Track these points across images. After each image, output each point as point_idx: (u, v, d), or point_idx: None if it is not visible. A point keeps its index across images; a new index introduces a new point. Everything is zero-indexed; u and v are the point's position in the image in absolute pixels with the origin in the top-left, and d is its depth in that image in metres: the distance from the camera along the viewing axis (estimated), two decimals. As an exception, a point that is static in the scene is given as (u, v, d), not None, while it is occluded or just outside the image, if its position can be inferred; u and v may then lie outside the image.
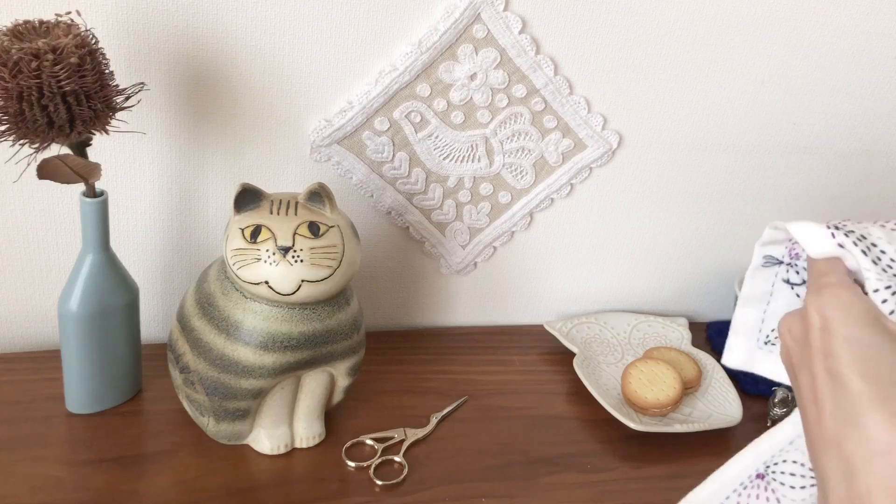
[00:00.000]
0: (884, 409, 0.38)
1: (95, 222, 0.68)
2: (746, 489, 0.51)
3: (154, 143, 0.77)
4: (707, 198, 0.92)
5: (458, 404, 0.80)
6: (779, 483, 0.50)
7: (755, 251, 0.49)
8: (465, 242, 0.89)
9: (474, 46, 0.78)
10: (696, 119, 0.87)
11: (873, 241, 0.42)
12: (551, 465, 0.73)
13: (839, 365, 0.40)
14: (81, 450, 0.69)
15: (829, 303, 0.41)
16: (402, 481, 0.70)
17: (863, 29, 0.85)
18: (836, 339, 0.40)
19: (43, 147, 0.61)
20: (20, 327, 0.82)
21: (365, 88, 0.78)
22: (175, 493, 0.66)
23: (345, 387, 0.72)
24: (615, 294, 0.96)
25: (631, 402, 0.80)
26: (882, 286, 0.41)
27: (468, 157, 0.84)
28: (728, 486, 0.52)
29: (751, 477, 0.51)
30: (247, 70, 0.76)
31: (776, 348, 0.51)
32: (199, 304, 0.68)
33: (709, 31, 0.83)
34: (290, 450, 0.71)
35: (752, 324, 0.51)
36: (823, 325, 0.41)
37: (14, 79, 0.57)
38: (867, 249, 0.42)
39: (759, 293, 0.50)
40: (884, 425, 0.38)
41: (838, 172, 0.93)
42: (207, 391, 0.67)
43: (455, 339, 0.91)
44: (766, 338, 0.51)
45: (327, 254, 0.64)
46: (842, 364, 0.40)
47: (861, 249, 0.41)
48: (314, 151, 0.80)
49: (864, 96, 0.89)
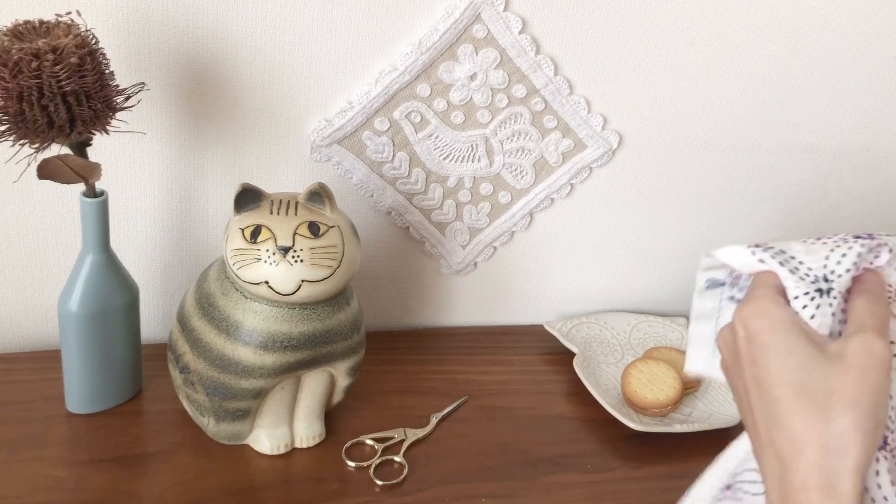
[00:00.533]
0: (798, 409, 0.41)
1: (95, 222, 0.68)
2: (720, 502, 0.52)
3: (154, 143, 0.77)
4: (707, 198, 0.92)
5: (458, 404, 0.80)
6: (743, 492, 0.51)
7: (698, 276, 0.53)
8: (465, 242, 0.89)
9: (474, 46, 0.78)
10: (696, 119, 0.87)
11: (791, 254, 0.46)
12: (551, 465, 0.73)
13: (761, 371, 0.43)
14: (81, 450, 0.69)
15: (750, 313, 0.45)
16: (402, 481, 0.70)
17: (863, 29, 0.85)
18: (756, 347, 0.44)
19: (43, 147, 0.61)
20: (20, 327, 0.82)
21: (365, 88, 0.78)
22: (175, 493, 0.66)
23: (345, 387, 0.72)
24: (615, 294, 0.96)
25: (631, 402, 0.80)
26: (801, 292, 0.44)
27: (468, 157, 0.84)
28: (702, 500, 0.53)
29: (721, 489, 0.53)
30: (247, 70, 0.76)
31: None
32: (199, 304, 0.68)
33: (709, 31, 0.83)
34: (290, 450, 0.71)
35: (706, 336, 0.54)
36: (746, 334, 0.45)
37: (14, 79, 0.57)
38: (784, 261, 0.46)
39: (707, 310, 0.54)
40: (801, 422, 0.41)
41: (838, 172, 0.93)
42: (207, 391, 0.67)
43: (455, 339, 0.91)
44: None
45: (327, 254, 0.64)
46: (762, 370, 0.43)
47: (778, 262, 0.45)
48: (314, 151, 0.80)
49: (864, 96, 0.89)
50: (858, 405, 0.40)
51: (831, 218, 0.96)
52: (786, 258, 0.46)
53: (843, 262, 0.45)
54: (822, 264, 0.45)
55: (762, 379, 0.43)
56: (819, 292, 0.44)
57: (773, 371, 0.43)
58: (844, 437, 0.40)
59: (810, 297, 0.44)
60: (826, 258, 0.45)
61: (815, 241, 0.47)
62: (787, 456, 0.41)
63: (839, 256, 0.45)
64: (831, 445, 0.40)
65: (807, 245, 0.47)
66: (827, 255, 0.45)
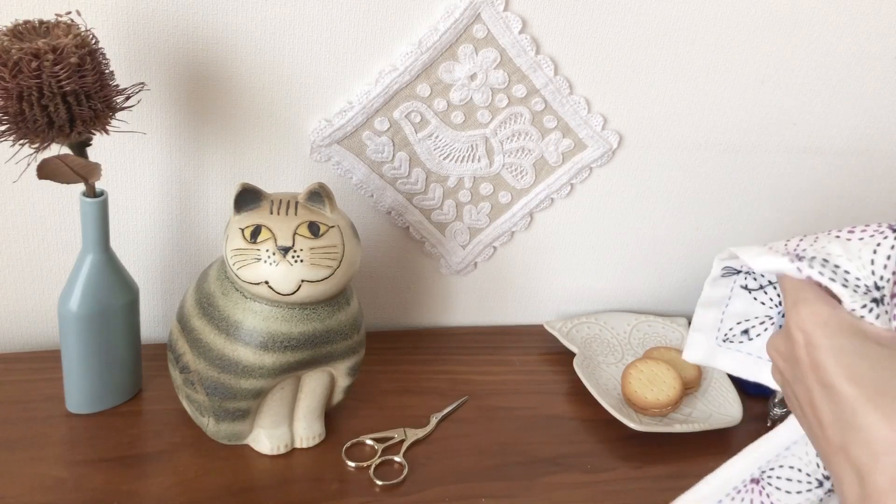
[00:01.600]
0: (877, 409, 0.39)
1: (95, 222, 0.68)
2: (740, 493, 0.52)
3: (154, 143, 0.77)
4: (707, 198, 0.92)
5: (458, 404, 0.80)
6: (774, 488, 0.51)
7: (714, 264, 0.52)
8: (465, 242, 0.89)
9: (474, 46, 0.78)
10: (696, 119, 0.87)
11: (835, 262, 0.44)
12: (551, 465, 0.73)
13: (828, 375, 0.42)
14: (81, 450, 0.69)
15: (807, 318, 0.43)
16: (402, 481, 0.70)
17: (863, 29, 0.85)
18: (820, 352, 0.42)
19: (43, 147, 0.61)
20: (20, 327, 0.82)
21: (365, 88, 0.78)
22: (175, 493, 0.66)
23: (345, 387, 0.72)
24: (615, 294, 0.96)
25: (631, 402, 0.80)
26: (857, 306, 0.43)
27: (468, 157, 0.84)
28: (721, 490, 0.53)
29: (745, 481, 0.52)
30: (247, 70, 0.76)
31: (734, 346, 0.54)
32: (199, 304, 0.68)
33: (709, 31, 0.83)
34: (290, 450, 0.71)
35: (711, 323, 0.54)
36: (807, 340, 0.43)
37: (14, 79, 0.57)
38: (833, 276, 0.44)
39: (717, 298, 0.53)
40: (881, 425, 0.39)
41: (838, 172, 0.93)
42: (207, 391, 0.67)
43: (455, 339, 0.91)
44: (724, 336, 0.54)
45: (327, 254, 0.64)
46: (830, 374, 0.42)
47: (828, 277, 0.44)
48: (314, 151, 0.80)
49: (864, 96, 0.89)
50: None
51: (831, 218, 0.95)
52: (832, 270, 0.44)
53: (889, 265, 0.43)
54: (869, 271, 0.44)
55: (830, 382, 0.41)
56: (875, 302, 0.43)
57: (843, 373, 0.41)
58: None
59: (868, 310, 0.43)
60: (872, 262, 0.44)
61: (850, 236, 0.45)
62: (866, 457, 0.39)
63: (884, 259, 0.44)
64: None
65: (842, 242, 0.45)
66: (871, 258, 0.44)
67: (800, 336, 0.44)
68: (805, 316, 0.43)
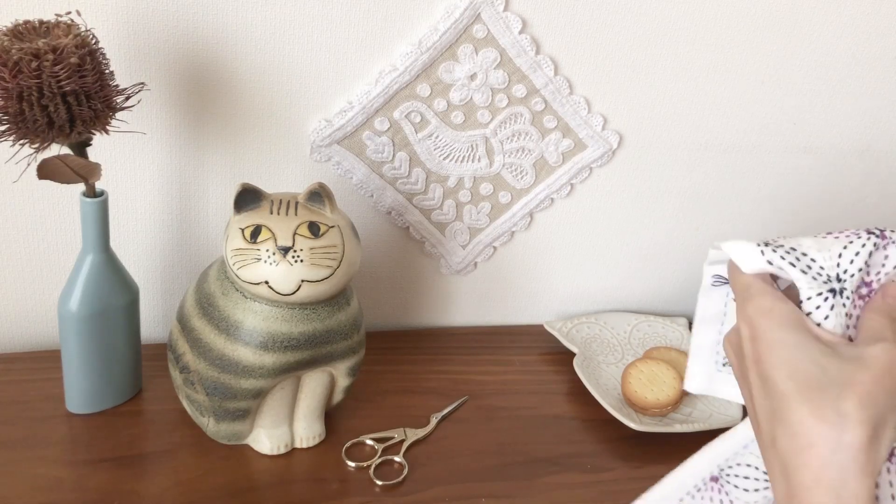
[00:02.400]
0: (807, 404, 0.39)
1: (95, 222, 0.68)
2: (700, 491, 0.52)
3: (154, 143, 0.77)
4: (707, 198, 0.92)
5: (458, 404, 0.80)
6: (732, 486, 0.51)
7: (704, 271, 0.51)
8: (465, 242, 0.89)
9: (474, 46, 0.78)
10: (696, 119, 0.87)
11: (803, 250, 0.45)
12: (551, 465, 0.73)
13: (767, 368, 0.42)
14: (81, 450, 0.69)
15: (753, 312, 0.44)
16: (402, 481, 0.70)
17: (863, 29, 0.85)
18: (762, 345, 0.43)
19: (43, 147, 0.61)
20: (20, 327, 0.82)
21: (365, 88, 0.78)
22: (175, 493, 0.66)
23: (345, 387, 0.72)
24: (615, 294, 0.96)
25: (631, 402, 0.80)
26: (814, 293, 0.43)
27: (468, 157, 0.84)
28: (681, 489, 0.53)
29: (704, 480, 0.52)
30: (247, 70, 0.76)
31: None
32: (199, 304, 0.68)
33: (709, 31, 0.83)
34: (290, 450, 0.72)
35: (709, 346, 0.52)
36: (751, 333, 0.43)
37: (14, 79, 0.57)
38: (796, 260, 0.44)
39: (712, 314, 0.52)
40: (808, 419, 0.39)
41: (838, 172, 0.93)
42: (207, 391, 0.67)
43: (455, 339, 0.91)
44: (724, 359, 0.53)
45: (327, 254, 0.64)
46: (769, 367, 0.42)
47: (789, 262, 0.44)
48: (314, 151, 0.80)
49: (864, 96, 0.89)
50: (876, 402, 0.38)
51: (831, 218, 0.95)
52: (797, 256, 0.44)
53: (855, 261, 0.44)
54: (834, 262, 0.44)
55: (768, 375, 0.42)
56: (832, 292, 0.43)
57: (779, 366, 0.41)
58: (857, 434, 0.38)
59: (823, 298, 0.43)
60: (839, 256, 0.44)
61: (827, 236, 0.45)
62: (792, 452, 0.40)
63: (852, 255, 0.44)
64: (843, 441, 0.38)
65: (818, 240, 0.45)
66: (840, 252, 0.44)
67: (746, 329, 0.44)
68: (751, 309, 0.44)
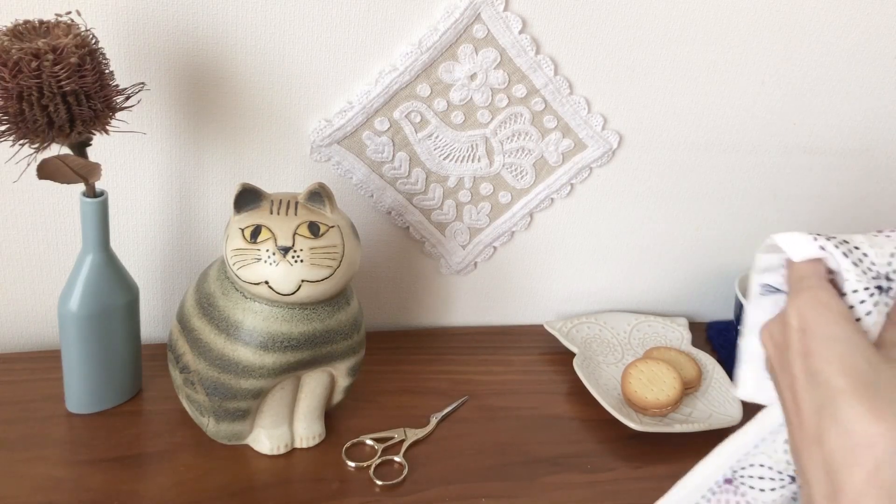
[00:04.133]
0: (864, 402, 0.38)
1: (95, 222, 0.68)
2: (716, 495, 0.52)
3: (154, 143, 0.77)
4: (707, 198, 0.92)
5: (458, 404, 0.80)
6: (748, 487, 0.51)
7: (752, 279, 0.50)
8: (465, 242, 0.89)
9: (474, 46, 0.78)
10: (696, 119, 0.87)
11: (856, 244, 0.44)
12: (551, 465, 0.73)
13: (818, 362, 0.40)
14: (81, 450, 0.69)
15: (806, 304, 0.42)
16: (402, 481, 0.70)
17: (863, 29, 0.85)
18: (814, 339, 0.41)
19: (43, 147, 0.61)
20: (20, 327, 0.82)
21: (365, 88, 0.78)
22: (175, 493, 0.66)
23: (345, 387, 0.72)
24: (615, 294, 0.96)
25: (631, 402, 0.80)
26: (861, 287, 0.42)
27: (468, 157, 0.84)
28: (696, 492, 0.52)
29: (718, 482, 0.52)
30: (247, 70, 0.76)
31: None
32: (199, 304, 0.68)
33: (709, 31, 0.83)
34: (290, 450, 0.71)
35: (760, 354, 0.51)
36: (802, 325, 0.42)
37: (14, 79, 0.57)
38: (849, 252, 0.43)
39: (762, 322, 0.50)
40: (865, 418, 0.38)
41: (838, 172, 0.93)
42: (207, 391, 0.67)
43: (455, 339, 0.91)
44: None
45: (327, 254, 0.64)
46: (820, 361, 0.40)
47: (843, 252, 0.43)
48: (314, 151, 0.80)
49: (864, 96, 0.89)
50: None
51: (831, 218, 0.96)
52: (849, 248, 0.43)
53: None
54: (886, 261, 0.43)
55: (818, 370, 0.40)
56: (879, 289, 0.42)
57: (833, 361, 0.40)
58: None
59: (869, 293, 0.42)
60: (892, 255, 0.43)
61: (878, 234, 0.45)
62: (843, 450, 0.38)
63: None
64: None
65: (870, 237, 0.44)
66: (892, 251, 0.43)
67: (795, 320, 0.42)
68: (804, 301, 0.42)
